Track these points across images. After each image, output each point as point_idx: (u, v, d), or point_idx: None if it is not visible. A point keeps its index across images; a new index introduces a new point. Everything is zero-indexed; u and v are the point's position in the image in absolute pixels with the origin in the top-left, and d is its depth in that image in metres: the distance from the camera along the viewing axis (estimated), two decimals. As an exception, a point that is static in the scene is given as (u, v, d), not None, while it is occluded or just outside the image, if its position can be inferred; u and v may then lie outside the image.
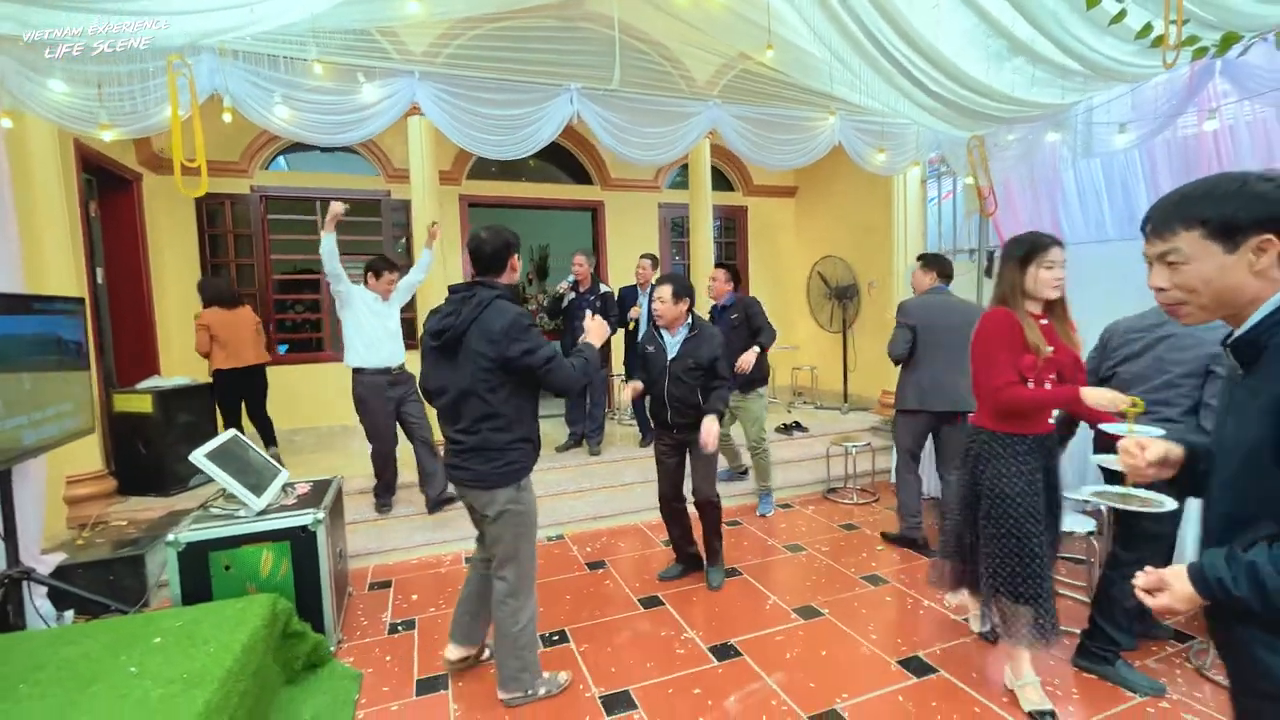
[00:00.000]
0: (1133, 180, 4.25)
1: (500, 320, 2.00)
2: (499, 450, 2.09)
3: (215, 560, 2.41)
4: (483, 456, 2.09)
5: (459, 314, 2.04)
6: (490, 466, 2.09)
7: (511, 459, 2.11)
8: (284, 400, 5.63)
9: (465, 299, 2.06)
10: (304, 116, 3.24)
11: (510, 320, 2.00)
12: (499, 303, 2.05)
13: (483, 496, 2.15)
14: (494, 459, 2.09)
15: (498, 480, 2.11)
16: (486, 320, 2.01)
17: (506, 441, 2.09)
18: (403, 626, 2.86)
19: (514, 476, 2.13)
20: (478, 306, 2.03)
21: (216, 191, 5.38)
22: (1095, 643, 2.35)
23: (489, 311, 2.02)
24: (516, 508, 2.15)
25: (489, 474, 2.10)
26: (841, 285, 6.54)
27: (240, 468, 2.68)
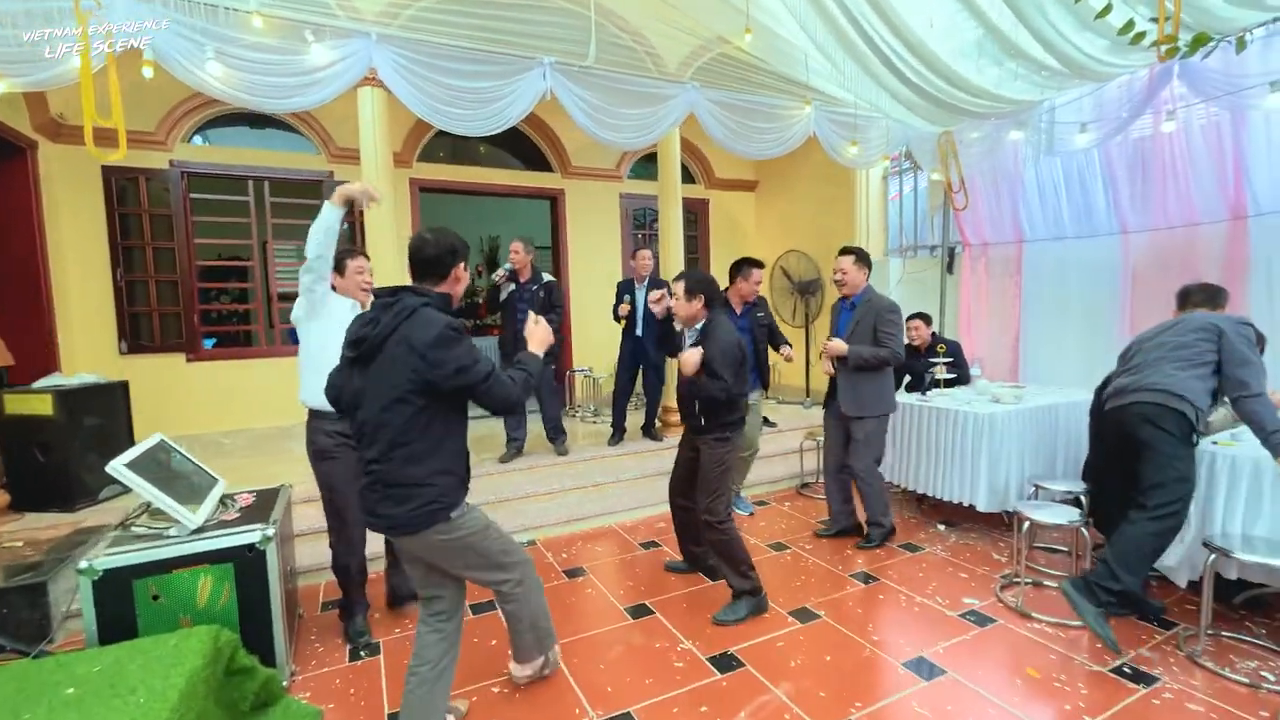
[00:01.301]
0: (1090, 179, 4.40)
1: (426, 332, 1.67)
2: (413, 487, 1.73)
3: (140, 589, 2.04)
4: (395, 495, 1.73)
5: (378, 322, 1.71)
6: (405, 509, 1.73)
7: (428, 497, 1.74)
8: (212, 400, 5.10)
9: (387, 306, 1.73)
10: (243, 77, 2.83)
11: (437, 333, 1.67)
12: (425, 311, 1.71)
13: (409, 542, 1.81)
14: (408, 499, 1.73)
15: (416, 523, 1.74)
16: (409, 332, 1.68)
17: (422, 476, 1.73)
18: (365, 652, 2.55)
19: (433, 518, 1.75)
20: (399, 315, 1.70)
21: (129, 165, 4.78)
22: (1099, 580, 2.41)
23: (413, 321, 1.69)
24: (456, 534, 1.81)
25: (404, 518, 1.73)
26: (805, 280, 6.55)
27: (169, 478, 2.30)
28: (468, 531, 1.85)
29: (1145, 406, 2.48)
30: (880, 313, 3.33)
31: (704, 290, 2.71)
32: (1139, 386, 2.53)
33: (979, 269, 5.25)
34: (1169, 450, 2.41)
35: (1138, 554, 2.41)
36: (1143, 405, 2.49)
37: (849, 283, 3.44)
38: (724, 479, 2.74)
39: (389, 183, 3.95)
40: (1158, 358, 2.57)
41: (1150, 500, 2.43)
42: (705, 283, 2.74)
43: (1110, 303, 4.35)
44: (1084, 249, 4.51)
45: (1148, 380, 2.52)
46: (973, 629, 2.61)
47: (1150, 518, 2.41)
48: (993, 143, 4.64)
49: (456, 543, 1.82)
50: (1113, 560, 2.41)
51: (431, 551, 1.84)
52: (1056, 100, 4.13)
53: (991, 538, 3.61)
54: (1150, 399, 2.47)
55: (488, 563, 1.94)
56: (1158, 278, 4.11)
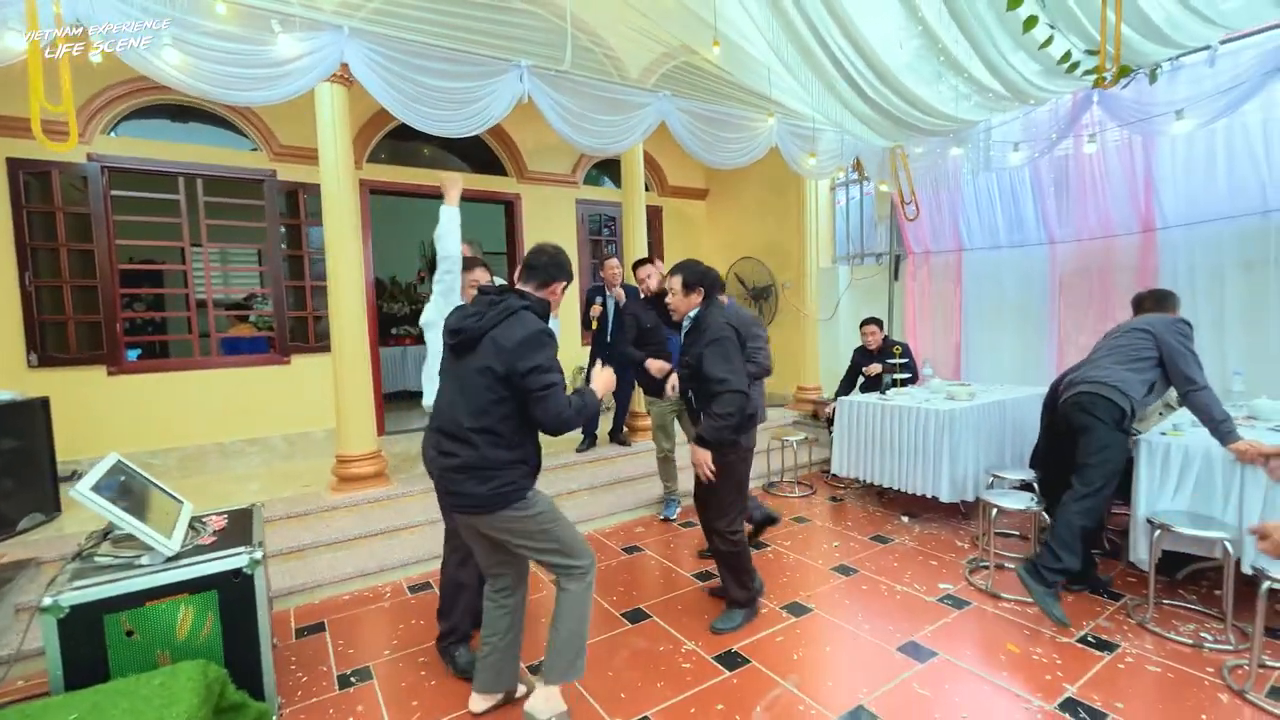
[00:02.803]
0: (1022, 193, 4.80)
1: (520, 331, 1.87)
2: (496, 469, 1.89)
3: (112, 625, 1.84)
4: (478, 476, 1.89)
5: (482, 316, 1.90)
6: (487, 488, 1.89)
7: (508, 479, 1.91)
8: (137, 417, 4.65)
9: (493, 303, 1.93)
10: (203, 66, 2.62)
11: (529, 333, 1.87)
12: (525, 314, 1.92)
13: (484, 521, 1.95)
14: (489, 479, 1.89)
15: (496, 502, 1.90)
16: (507, 329, 1.87)
17: (505, 460, 1.90)
18: (356, 678, 2.40)
19: (512, 498, 1.92)
20: (503, 312, 1.90)
21: (38, 158, 4.30)
22: (1044, 563, 2.65)
23: (512, 320, 1.89)
24: (530, 511, 1.95)
25: (486, 497, 1.90)
26: (759, 286, 6.75)
27: (135, 502, 2.09)
28: (539, 512, 1.96)
29: (1082, 396, 2.76)
30: None
31: (703, 283, 2.60)
32: (1081, 379, 2.83)
33: (922, 275, 5.60)
34: (1100, 434, 2.69)
35: (1071, 533, 2.66)
36: (1080, 395, 2.77)
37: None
38: (736, 488, 2.64)
39: (352, 186, 3.77)
40: (1101, 356, 2.87)
41: (1079, 480, 2.71)
42: (703, 274, 2.62)
43: (1040, 306, 4.77)
44: (1017, 257, 4.92)
45: (1088, 374, 2.81)
46: (951, 612, 2.78)
47: (1076, 498, 2.69)
48: (935, 158, 4.98)
49: (530, 523, 1.94)
50: (1054, 543, 2.66)
51: (508, 531, 1.95)
52: (993, 121, 4.50)
53: (951, 526, 3.86)
54: (1088, 389, 2.75)
55: (559, 547, 1.99)
56: (1081, 284, 4.55)
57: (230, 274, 6.62)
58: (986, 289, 5.14)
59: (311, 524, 3.53)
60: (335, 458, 3.87)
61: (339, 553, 3.39)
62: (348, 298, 3.75)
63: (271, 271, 5.14)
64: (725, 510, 2.65)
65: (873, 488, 4.38)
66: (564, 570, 2.01)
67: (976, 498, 3.74)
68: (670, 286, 2.67)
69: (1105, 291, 4.42)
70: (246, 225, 5.09)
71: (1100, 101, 4.00)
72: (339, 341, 3.76)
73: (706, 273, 2.66)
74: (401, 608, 2.98)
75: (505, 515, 1.92)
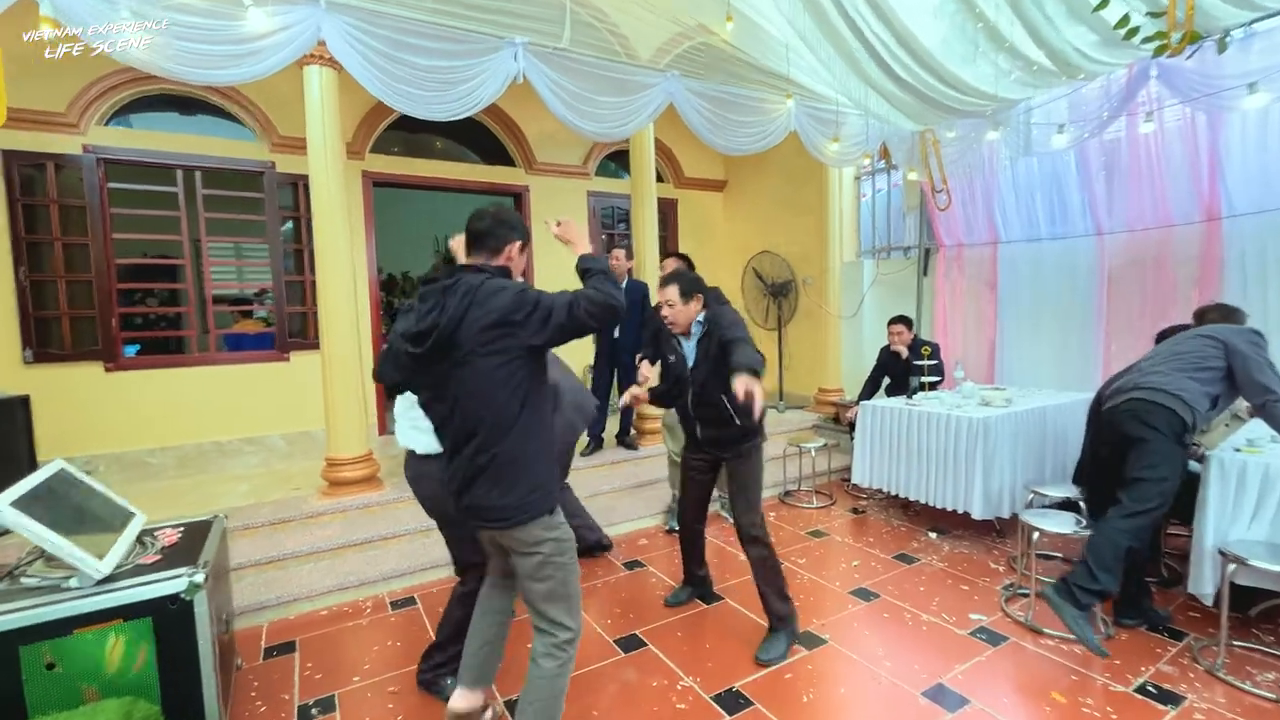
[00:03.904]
0: (1066, 180, 4.40)
1: (502, 298, 1.57)
2: (522, 470, 1.62)
3: (30, 657, 1.65)
4: (502, 485, 1.62)
5: (444, 308, 1.57)
6: (515, 496, 1.62)
7: (537, 480, 1.65)
8: (136, 414, 4.55)
9: (447, 290, 1.59)
10: (165, 42, 2.44)
11: (513, 295, 1.58)
12: (492, 282, 1.60)
13: (512, 535, 1.67)
14: (517, 484, 1.62)
15: (527, 512, 1.63)
16: (484, 306, 1.56)
17: (530, 456, 1.63)
18: (318, 709, 2.19)
19: (546, 502, 1.66)
20: (467, 295, 1.57)
21: (34, 150, 4.22)
22: (1078, 581, 2.37)
23: (483, 294, 1.57)
24: (556, 534, 1.68)
25: (515, 507, 1.62)
26: (778, 282, 6.42)
27: (71, 516, 1.91)
28: (566, 534, 1.71)
29: (1137, 403, 2.45)
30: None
31: (700, 289, 2.46)
32: (1135, 385, 2.51)
33: (954, 270, 5.22)
34: (1156, 447, 2.38)
35: (1113, 552, 2.36)
36: (1135, 402, 2.46)
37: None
38: (760, 487, 2.56)
39: (341, 174, 3.58)
40: (1160, 362, 2.55)
41: (1128, 495, 2.41)
42: (695, 281, 2.48)
43: (1085, 304, 4.36)
44: (1059, 250, 4.51)
45: (1145, 380, 2.50)
46: (985, 649, 2.47)
47: (1124, 514, 2.39)
48: (969, 142, 4.60)
49: (552, 543, 1.67)
50: (1090, 560, 2.37)
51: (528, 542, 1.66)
52: (1035, 100, 4.10)
53: (984, 544, 3.52)
54: (1143, 396, 2.44)
55: (562, 589, 1.70)
56: (1132, 278, 4.14)
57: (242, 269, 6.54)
58: (1025, 285, 4.74)
59: (294, 531, 3.35)
60: (325, 461, 3.70)
61: (321, 563, 3.20)
62: (337, 293, 3.57)
63: (272, 266, 5.00)
64: (753, 498, 2.51)
65: (897, 499, 4.04)
66: (552, 630, 1.69)
67: (1013, 514, 3.40)
68: (666, 299, 2.44)
69: (1160, 287, 4.00)
70: (247, 219, 4.96)
71: (1159, 75, 3.59)
72: (327, 340, 3.58)
73: (699, 281, 2.52)
74: (380, 626, 2.77)
75: (534, 529, 1.64)
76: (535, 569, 1.67)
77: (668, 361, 2.59)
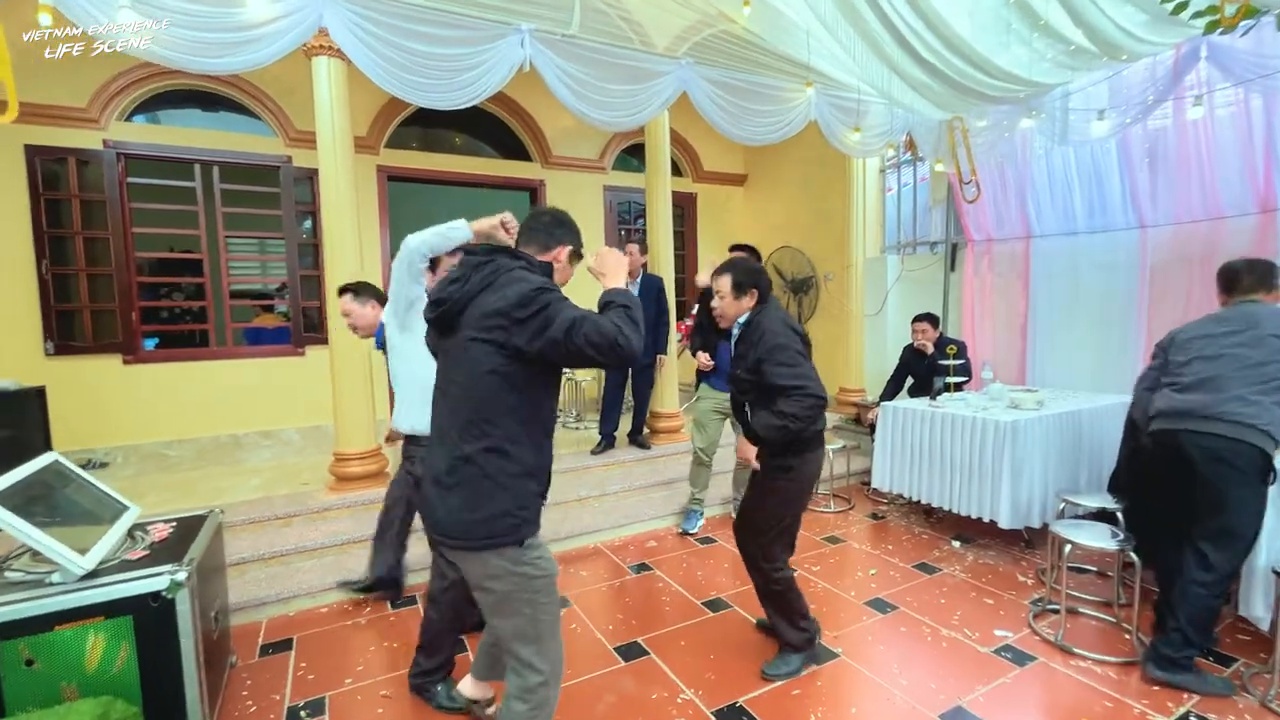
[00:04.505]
0: (1106, 170, 4.14)
1: (515, 289, 1.41)
2: (497, 487, 1.42)
3: (9, 653, 1.62)
4: (470, 496, 1.42)
5: (465, 281, 1.46)
6: (479, 515, 1.41)
7: (507, 505, 1.42)
8: (154, 406, 4.61)
9: (479, 265, 1.48)
10: (165, 31, 2.41)
11: (527, 290, 1.40)
12: (519, 271, 1.47)
13: (468, 562, 1.47)
14: (484, 503, 1.41)
15: (487, 538, 1.42)
16: (497, 291, 1.43)
17: (509, 475, 1.43)
18: (307, 712, 2.14)
19: (513, 532, 1.44)
20: (491, 274, 1.46)
21: (57, 145, 4.28)
22: (1175, 650, 2.15)
23: (504, 279, 1.44)
24: (525, 571, 1.46)
25: (475, 526, 1.41)
26: (798, 278, 6.25)
27: (59, 510, 1.88)
28: (539, 570, 1.49)
29: (1216, 440, 2.10)
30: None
31: (758, 284, 2.23)
32: (1209, 413, 2.12)
33: (983, 266, 4.98)
34: (1241, 493, 2.10)
35: (1208, 617, 2.17)
36: (1213, 439, 2.11)
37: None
38: (783, 518, 2.25)
39: (350, 167, 3.54)
40: (1229, 375, 2.15)
41: (1212, 547, 2.14)
42: (755, 273, 2.26)
43: (1126, 301, 4.10)
44: (1098, 244, 4.26)
45: (1220, 407, 2.11)
46: (1011, 669, 2.30)
47: (1215, 578, 2.13)
48: (1001, 131, 4.38)
49: (518, 578, 1.46)
50: (1187, 626, 2.14)
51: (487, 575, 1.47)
52: (1071, 85, 3.87)
53: (1011, 555, 3.33)
54: (1223, 432, 2.09)
55: (530, 630, 1.51)
56: (1177, 274, 3.87)
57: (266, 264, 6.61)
58: (1059, 281, 4.49)
59: (299, 526, 3.33)
60: (333, 455, 3.67)
61: (325, 559, 3.17)
62: (345, 286, 3.53)
63: (287, 260, 5.03)
64: (765, 525, 2.25)
65: (919, 505, 3.87)
66: (521, 671, 1.52)
67: (1043, 524, 3.20)
68: (718, 288, 2.25)
69: (1208, 283, 3.68)
70: (263, 214, 4.98)
71: (1210, 55, 3.35)
72: (336, 334, 3.54)
73: (761, 272, 2.31)
74: (379, 626, 2.72)
75: (494, 562, 1.44)
76: (496, 604, 1.49)
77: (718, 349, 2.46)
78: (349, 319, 2.66)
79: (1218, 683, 2.14)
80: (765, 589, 2.30)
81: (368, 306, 2.66)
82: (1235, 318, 2.25)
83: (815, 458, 2.24)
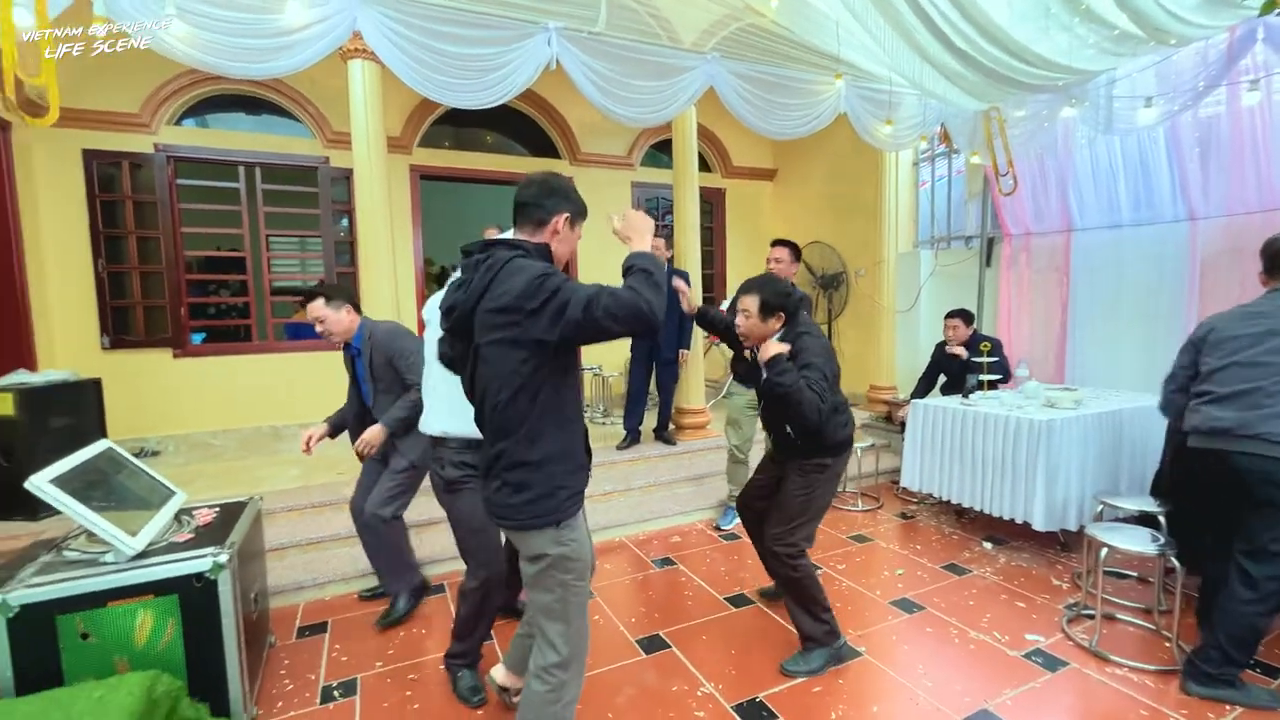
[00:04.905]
0: (1153, 160, 3.97)
1: (515, 281, 1.40)
2: (529, 474, 1.48)
3: (66, 627, 1.73)
4: (509, 485, 1.50)
5: (469, 283, 1.49)
6: (521, 499, 1.49)
7: (544, 488, 1.49)
8: (200, 398, 4.83)
9: (478, 263, 1.49)
10: (208, 38, 2.52)
11: (530, 279, 1.38)
12: (517, 261, 1.45)
13: (516, 538, 1.59)
14: (522, 489, 1.49)
15: (530, 519, 1.51)
16: (501, 286, 1.42)
17: (536, 461, 1.48)
18: (340, 691, 2.23)
19: (552, 513, 1.51)
20: (489, 271, 1.45)
21: (111, 149, 4.51)
22: (1214, 666, 2.06)
23: (504, 273, 1.43)
24: (560, 550, 1.54)
25: (518, 510, 1.50)
26: (828, 274, 6.16)
27: (111, 494, 2.00)
28: (573, 552, 1.55)
29: (1267, 462, 1.97)
30: None
31: (785, 306, 2.18)
32: (1255, 433, 1.98)
33: (1020, 261, 4.83)
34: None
35: (1252, 636, 2.07)
36: (1262, 460, 1.98)
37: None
38: (808, 510, 2.30)
39: (383, 167, 3.63)
40: (1269, 389, 2.00)
41: (1257, 566, 2.03)
42: (787, 295, 2.19)
43: (1174, 297, 3.93)
44: (1144, 238, 4.09)
45: (1262, 426, 1.97)
46: (1041, 674, 2.24)
47: (1258, 596, 2.03)
48: (1041, 121, 4.23)
49: (554, 560, 1.54)
50: (1227, 645, 2.06)
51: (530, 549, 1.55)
52: (1116, 72, 3.71)
53: (1046, 558, 3.23)
54: (1269, 452, 1.96)
55: (560, 609, 1.57)
56: (1229, 269, 3.69)
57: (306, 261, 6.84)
58: (1102, 276, 4.33)
59: (334, 514, 3.44)
60: (366, 447, 3.79)
61: (356, 547, 3.25)
62: (379, 283, 3.64)
63: (324, 258, 5.19)
64: (790, 515, 2.28)
65: (949, 505, 3.79)
66: (544, 649, 1.58)
67: (1080, 527, 3.10)
68: (744, 306, 2.19)
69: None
70: (301, 213, 5.15)
71: (1267, 37, 3.18)
72: (369, 328, 3.65)
73: (791, 293, 2.24)
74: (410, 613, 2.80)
75: (536, 540, 1.53)
76: (535, 577, 1.57)
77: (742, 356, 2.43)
78: (322, 325, 2.53)
79: (1264, 695, 2.06)
80: (786, 577, 2.29)
81: (342, 311, 2.56)
82: (1273, 313, 2.09)
83: (847, 455, 2.40)
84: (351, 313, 2.60)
